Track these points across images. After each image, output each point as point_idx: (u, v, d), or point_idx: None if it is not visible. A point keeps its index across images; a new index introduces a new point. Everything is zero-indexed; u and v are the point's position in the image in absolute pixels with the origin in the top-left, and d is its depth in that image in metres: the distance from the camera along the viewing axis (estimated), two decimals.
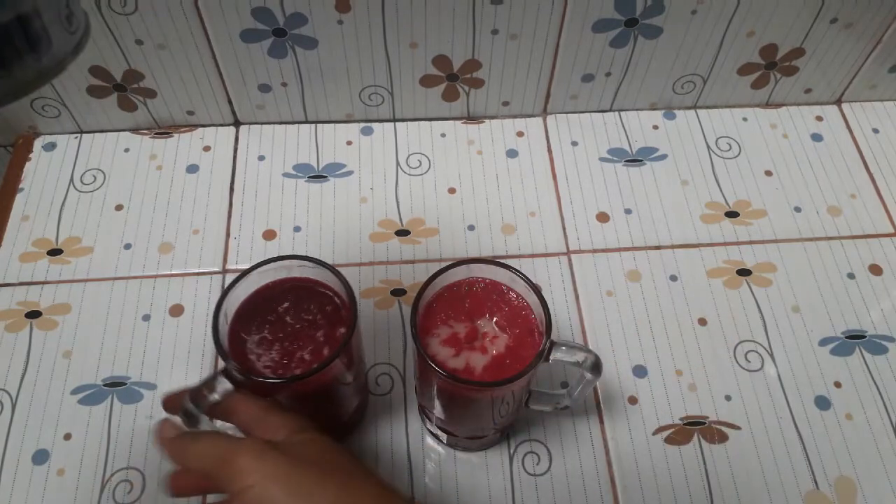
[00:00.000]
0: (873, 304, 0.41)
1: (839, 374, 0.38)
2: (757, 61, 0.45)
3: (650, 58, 0.44)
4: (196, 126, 0.46)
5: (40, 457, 0.34)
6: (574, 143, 0.47)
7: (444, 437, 0.34)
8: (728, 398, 0.37)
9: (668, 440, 0.36)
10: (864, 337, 0.39)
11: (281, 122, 0.47)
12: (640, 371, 0.38)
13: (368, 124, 0.47)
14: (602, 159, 0.46)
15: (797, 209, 0.44)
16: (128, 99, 0.44)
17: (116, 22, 0.39)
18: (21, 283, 0.40)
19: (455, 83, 0.45)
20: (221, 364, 0.28)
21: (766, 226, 0.43)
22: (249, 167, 0.45)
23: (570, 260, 0.42)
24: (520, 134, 0.47)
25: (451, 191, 0.44)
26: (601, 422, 0.36)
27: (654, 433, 0.36)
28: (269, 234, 0.42)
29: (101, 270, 0.40)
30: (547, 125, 0.47)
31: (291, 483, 0.24)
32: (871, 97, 0.49)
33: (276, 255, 0.30)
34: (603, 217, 0.43)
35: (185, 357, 0.38)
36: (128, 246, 0.41)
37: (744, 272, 0.41)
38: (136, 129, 0.46)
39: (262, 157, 0.45)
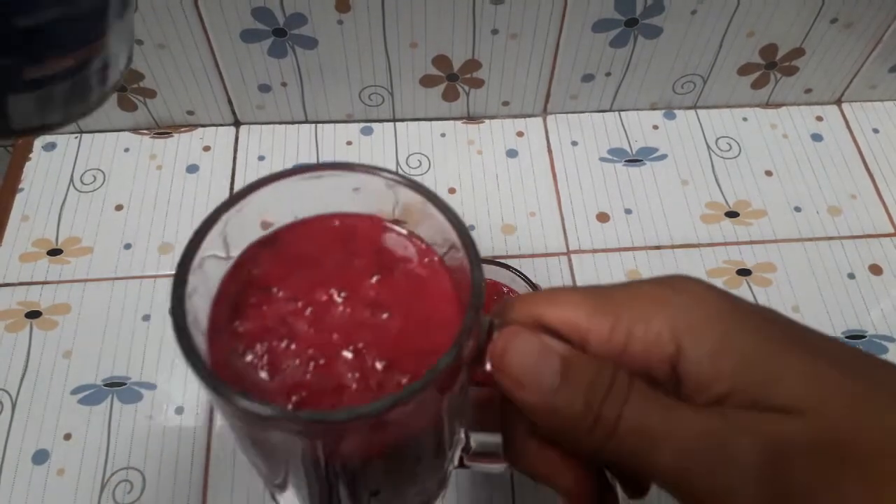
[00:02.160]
0: (873, 305, 0.41)
1: None
2: (757, 61, 0.45)
3: (650, 58, 0.44)
4: (196, 126, 0.46)
5: (40, 457, 0.34)
6: (574, 143, 0.47)
7: None
8: None
9: None
10: (865, 337, 0.39)
11: (281, 122, 0.47)
12: None
13: (368, 124, 0.47)
14: (602, 159, 0.46)
15: (797, 209, 0.44)
16: (128, 99, 0.44)
17: None
18: (21, 283, 0.40)
19: (455, 83, 0.45)
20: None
21: (766, 226, 0.43)
22: (249, 167, 0.45)
23: (570, 260, 0.42)
24: (520, 134, 0.47)
25: (452, 191, 0.44)
26: None
27: None
28: None
29: (101, 270, 0.40)
30: (547, 125, 0.47)
31: None
32: (872, 97, 0.49)
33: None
34: (603, 217, 0.43)
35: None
36: (128, 246, 0.41)
37: (744, 272, 0.41)
38: (135, 129, 0.46)
39: (262, 158, 0.45)
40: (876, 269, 0.42)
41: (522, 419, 0.18)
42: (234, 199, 0.18)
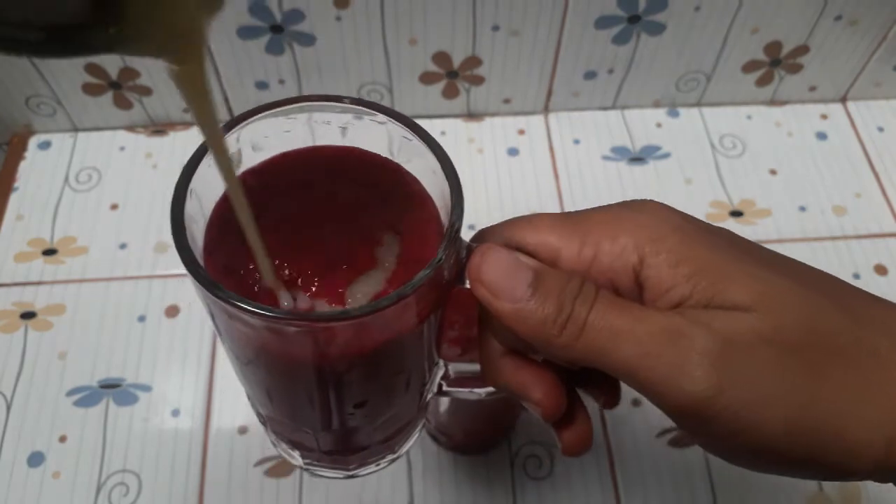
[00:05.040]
0: None
1: None
2: (761, 58, 0.45)
3: (653, 55, 0.43)
4: (192, 124, 0.46)
5: (35, 459, 0.34)
6: (576, 142, 0.46)
7: (443, 439, 0.34)
8: None
9: (672, 442, 0.35)
10: None
11: None
12: None
13: None
14: (605, 158, 0.45)
15: (802, 208, 0.44)
16: (123, 97, 0.43)
17: None
18: (15, 284, 0.39)
19: (455, 80, 0.44)
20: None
21: (770, 225, 0.43)
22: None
23: None
24: (521, 132, 0.46)
25: None
26: (604, 424, 0.36)
27: (658, 435, 0.35)
28: None
29: (96, 271, 0.40)
30: (549, 123, 0.47)
31: None
32: (877, 95, 0.49)
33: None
34: None
35: (180, 358, 0.37)
36: (123, 246, 0.41)
37: None
38: (131, 128, 0.46)
39: None
40: (881, 270, 0.41)
41: (498, 337, 0.20)
42: (227, 126, 0.19)
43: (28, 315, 0.38)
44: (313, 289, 0.18)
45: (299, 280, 0.18)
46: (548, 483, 0.34)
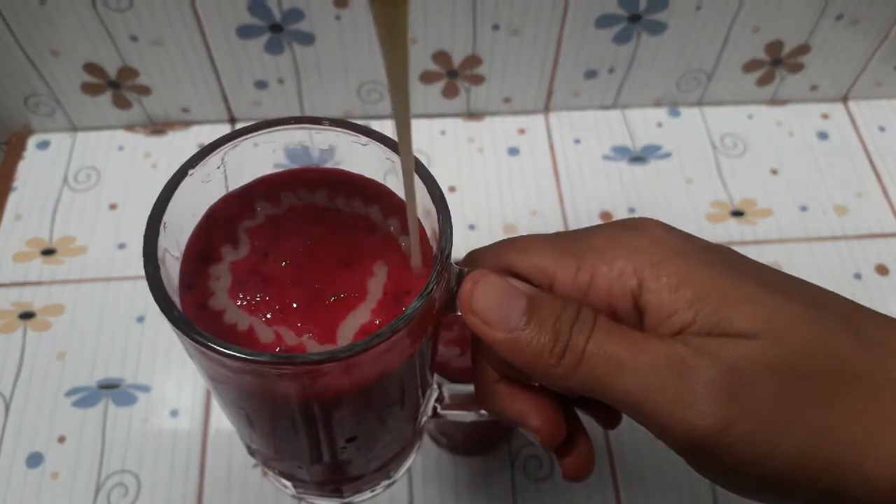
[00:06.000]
0: (880, 306, 0.40)
1: None
2: (762, 58, 0.45)
3: (654, 54, 0.43)
4: (191, 123, 0.46)
5: (34, 460, 0.34)
6: (577, 141, 0.46)
7: (443, 440, 0.34)
8: None
9: None
10: None
11: None
12: None
13: (366, 121, 0.46)
14: (605, 157, 0.45)
15: (803, 208, 0.44)
16: (122, 96, 0.43)
17: (111, 18, 0.38)
18: (14, 284, 0.39)
19: (455, 80, 0.44)
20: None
21: (771, 225, 0.43)
22: None
23: None
24: (521, 131, 0.46)
25: (452, 189, 0.43)
26: None
27: None
28: None
29: (95, 271, 0.40)
30: (549, 122, 0.47)
31: None
32: (878, 95, 0.49)
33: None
34: (606, 217, 0.43)
35: (179, 359, 0.37)
36: (122, 246, 0.41)
37: None
38: (130, 127, 0.45)
39: None
40: (882, 270, 0.41)
41: (492, 363, 0.19)
42: (202, 154, 0.18)
43: (27, 315, 0.38)
44: (299, 325, 0.17)
45: (284, 315, 0.17)
46: (548, 484, 0.34)
